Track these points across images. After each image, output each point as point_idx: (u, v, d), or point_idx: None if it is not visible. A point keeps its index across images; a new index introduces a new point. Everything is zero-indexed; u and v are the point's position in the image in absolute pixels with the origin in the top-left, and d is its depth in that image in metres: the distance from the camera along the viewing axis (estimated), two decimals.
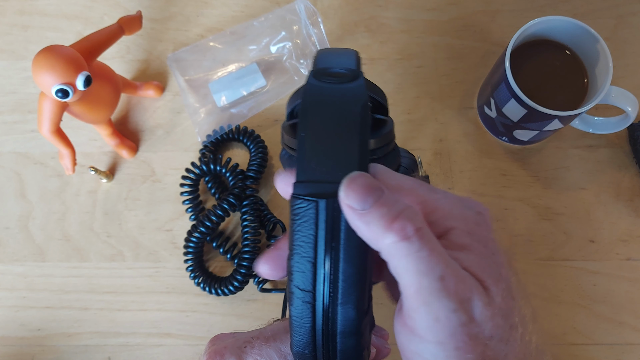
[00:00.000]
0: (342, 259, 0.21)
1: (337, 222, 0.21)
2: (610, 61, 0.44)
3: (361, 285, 0.21)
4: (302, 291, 0.21)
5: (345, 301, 0.21)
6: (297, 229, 0.22)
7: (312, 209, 0.21)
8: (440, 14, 0.57)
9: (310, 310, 0.21)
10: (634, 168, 0.52)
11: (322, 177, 0.21)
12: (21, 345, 0.49)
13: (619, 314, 0.48)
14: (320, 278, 0.21)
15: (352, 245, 0.21)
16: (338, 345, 0.21)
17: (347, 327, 0.21)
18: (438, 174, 0.52)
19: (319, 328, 0.21)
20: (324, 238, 0.21)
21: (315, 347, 0.22)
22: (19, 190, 0.53)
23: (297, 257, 0.21)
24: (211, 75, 0.55)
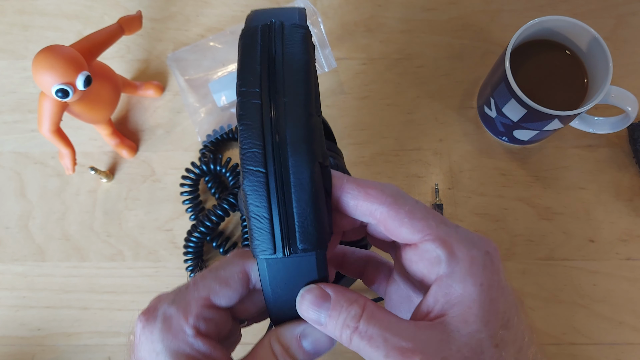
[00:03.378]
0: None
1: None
2: (610, 61, 0.44)
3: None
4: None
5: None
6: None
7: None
8: (440, 14, 0.57)
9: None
10: (634, 168, 0.52)
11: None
12: (21, 344, 0.49)
13: (618, 314, 0.48)
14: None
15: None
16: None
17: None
18: (438, 174, 0.52)
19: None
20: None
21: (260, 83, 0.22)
22: (19, 190, 0.53)
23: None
24: (211, 75, 0.55)
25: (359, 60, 0.56)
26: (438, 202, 0.51)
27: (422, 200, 0.52)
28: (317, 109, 0.23)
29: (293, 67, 0.22)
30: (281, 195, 0.22)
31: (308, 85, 0.22)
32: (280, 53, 0.23)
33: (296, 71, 0.22)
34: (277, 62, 0.23)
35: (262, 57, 0.23)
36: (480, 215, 0.51)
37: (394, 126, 0.54)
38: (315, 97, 0.23)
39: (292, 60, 0.23)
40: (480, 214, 0.51)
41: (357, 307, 0.22)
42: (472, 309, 0.22)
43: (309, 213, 0.22)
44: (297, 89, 0.22)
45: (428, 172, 0.52)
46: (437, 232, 0.23)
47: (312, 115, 0.22)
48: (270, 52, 0.23)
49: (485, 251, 0.23)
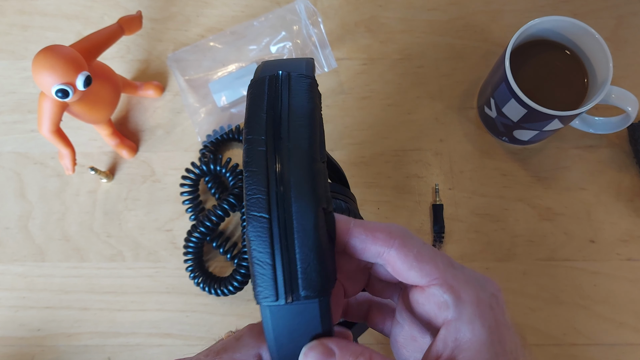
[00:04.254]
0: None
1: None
2: (610, 61, 0.44)
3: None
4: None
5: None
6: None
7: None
8: (441, 14, 0.57)
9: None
10: (634, 168, 0.52)
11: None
12: (21, 345, 0.49)
13: (619, 315, 0.48)
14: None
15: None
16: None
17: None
18: (438, 175, 0.52)
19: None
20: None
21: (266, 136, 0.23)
22: (19, 190, 0.53)
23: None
24: (211, 75, 0.55)
25: (359, 61, 0.56)
26: (438, 202, 0.51)
27: (422, 201, 0.53)
28: (321, 155, 0.23)
29: (298, 115, 0.23)
30: (284, 241, 0.21)
31: (312, 131, 0.23)
32: (286, 102, 0.23)
33: (300, 118, 0.23)
34: (283, 110, 0.23)
35: (268, 106, 0.23)
36: (480, 215, 0.51)
37: (394, 126, 0.54)
38: (320, 143, 0.23)
39: (297, 109, 0.23)
40: (480, 215, 0.51)
41: (365, 355, 0.22)
42: (482, 353, 0.22)
43: (311, 259, 0.21)
44: (301, 135, 0.22)
45: (428, 173, 0.52)
46: (444, 276, 0.23)
47: (316, 160, 0.22)
48: (277, 101, 0.23)
49: (491, 293, 0.24)
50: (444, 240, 0.50)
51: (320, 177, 0.22)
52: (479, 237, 0.50)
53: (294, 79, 0.24)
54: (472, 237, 0.50)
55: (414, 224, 0.51)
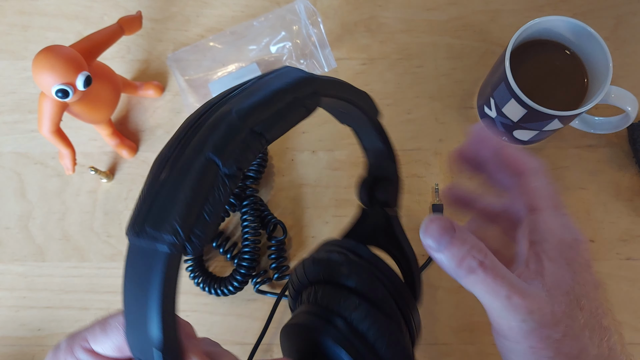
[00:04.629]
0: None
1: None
2: (610, 61, 0.44)
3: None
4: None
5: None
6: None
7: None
8: (440, 14, 0.57)
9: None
10: (634, 168, 0.52)
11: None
12: (21, 345, 0.49)
13: (618, 314, 0.48)
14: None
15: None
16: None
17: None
18: (438, 174, 0.52)
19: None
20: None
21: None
22: (19, 190, 0.53)
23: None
24: (211, 75, 0.55)
25: (358, 61, 0.56)
26: (438, 202, 0.51)
27: (422, 200, 0.52)
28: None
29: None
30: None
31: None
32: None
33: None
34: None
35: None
36: None
37: (394, 126, 0.54)
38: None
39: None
40: None
41: (482, 244, 0.26)
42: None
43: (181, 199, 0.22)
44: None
45: (428, 172, 0.52)
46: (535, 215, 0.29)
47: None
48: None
49: (575, 238, 0.30)
50: None
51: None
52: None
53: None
54: None
55: (414, 223, 0.51)
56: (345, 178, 0.52)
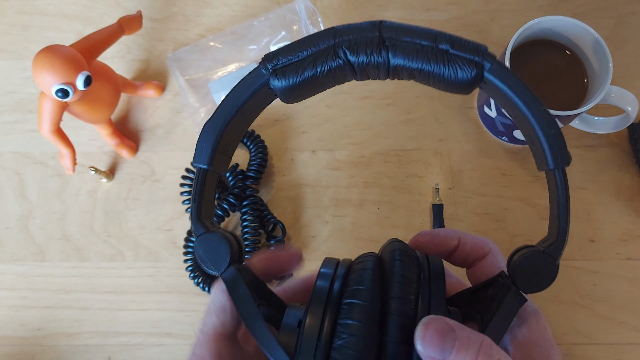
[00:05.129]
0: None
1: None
2: (610, 61, 0.44)
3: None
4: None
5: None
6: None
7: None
8: (440, 14, 0.57)
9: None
10: (634, 168, 0.52)
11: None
12: (21, 345, 0.49)
13: (619, 314, 0.48)
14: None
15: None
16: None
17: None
18: (438, 174, 0.52)
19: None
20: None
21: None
22: (19, 190, 0.53)
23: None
24: (211, 74, 0.55)
25: None
26: (438, 202, 0.51)
27: (422, 200, 0.53)
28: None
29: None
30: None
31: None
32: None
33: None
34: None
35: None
36: (480, 215, 0.51)
37: (394, 126, 0.54)
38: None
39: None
40: (480, 214, 0.51)
41: (484, 337, 0.22)
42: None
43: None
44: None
45: (428, 172, 0.52)
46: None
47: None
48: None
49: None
50: None
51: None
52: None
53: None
54: None
55: (414, 223, 0.51)
56: (345, 178, 0.52)
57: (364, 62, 0.25)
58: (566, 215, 0.25)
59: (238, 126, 0.28)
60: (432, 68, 0.25)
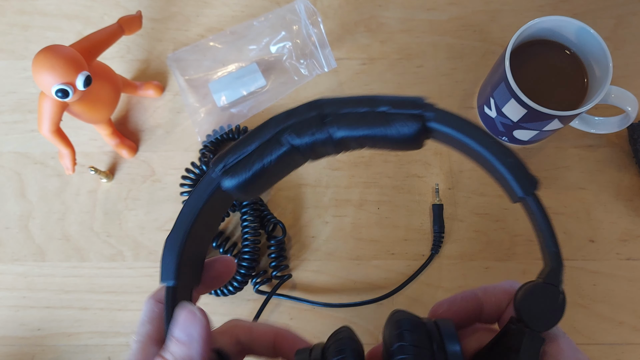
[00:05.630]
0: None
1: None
2: (610, 61, 0.44)
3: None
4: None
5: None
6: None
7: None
8: (440, 14, 0.57)
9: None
10: (634, 168, 0.52)
11: None
12: (21, 345, 0.49)
13: (618, 314, 0.48)
14: None
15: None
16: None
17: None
18: (438, 174, 0.52)
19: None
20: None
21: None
22: (19, 190, 0.53)
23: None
24: (211, 75, 0.55)
25: (359, 60, 0.56)
26: (438, 202, 0.51)
27: (422, 200, 0.53)
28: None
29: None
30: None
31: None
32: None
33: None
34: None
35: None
36: (480, 215, 0.51)
37: None
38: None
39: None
40: (480, 214, 0.51)
41: None
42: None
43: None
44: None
45: (428, 172, 0.52)
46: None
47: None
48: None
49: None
50: (444, 240, 0.50)
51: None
52: (478, 236, 0.50)
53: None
54: (472, 237, 0.50)
55: (414, 223, 0.51)
56: (345, 178, 0.52)
57: (309, 143, 0.25)
58: (553, 239, 0.24)
59: (201, 234, 0.27)
60: (376, 132, 0.25)
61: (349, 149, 0.26)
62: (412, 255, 0.50)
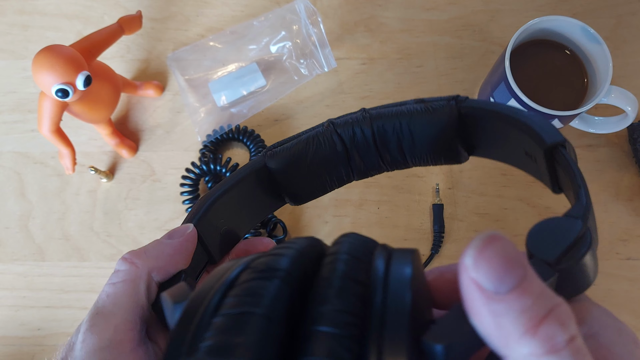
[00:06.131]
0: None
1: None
2: (610, 61, 0.44)
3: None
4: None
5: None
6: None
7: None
8: (440, 14, 0.57)
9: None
10: (634, 168, 0.52)
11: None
12: (21, 344, 0.49)
13: (618, 314, 0.48)
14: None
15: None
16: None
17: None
18: (438, 174, 0.52)
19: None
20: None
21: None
22: (19, 190, 0.53)
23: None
24: (211, 74, 0.55)
25: (358, 60, 0.56)
26: (438, 202, 0.51)
27: (422, 200, 0.53)
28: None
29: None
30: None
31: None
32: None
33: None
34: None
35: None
36: (480, 215, 0.51)
37: None
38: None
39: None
40: (480, 214, 0.51)
41: (566, 305, 0.15)
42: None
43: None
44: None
45: (428, 172, 0.52)
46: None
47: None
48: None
49: (634, 340, 0.20)
50: (444, 239, 0.50)
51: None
52: None
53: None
54: (472, 237, 0.50)
55: (414, 223, 0.51)
56: None
57: (348, 122, 0.27)
58: (582, 181, 0.22)
59: (237, 208, 0.28)
60: (414, 116, 0.26)
61: (389, 144, 0.26)
62: None
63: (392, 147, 0.27)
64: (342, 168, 0.28)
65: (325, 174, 0.28)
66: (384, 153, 0.27)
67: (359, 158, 0.27)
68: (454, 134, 0.26)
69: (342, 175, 0.28)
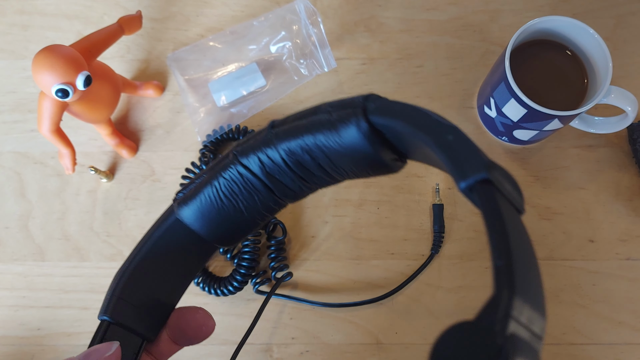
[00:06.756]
0: None
1: None
2: (610, 61, 0.44)
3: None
4: None
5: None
6: None
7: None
8: (440, 14, 0.57)
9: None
10: (634, 168, 0.52)
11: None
12: (21, 344, 0.49)
13: (618, 314, 0.48)
14: None
15: None
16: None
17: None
18: (438, 174, 0.52)
19: None
20: None
21: None
22: (19, 190, 0.53)
23: None
24: (211, 74, 0.55)
25: (358, 60, 0.56)
26: (438, 202, 0.51)
27: (422, 200, 0.53)
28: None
29: None
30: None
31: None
32: None
33: None
34: None
35: None
36: (480, 215, 0.51)
37: None
38: None
39: None
40: (480, 214, 0.51)
41: None
42: None
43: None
44: None
45: (428, 172, 0.52)
46: None
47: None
48: None
49: None
50: (444, 239, 0.50)
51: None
52: (478, 236, 0.51)
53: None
54: (472, 237, 0.51)
55: (414, 223, 0.51)
56: None
57: (254, 156, 0.23)
58: (501, 245, 0.15)
59: (162, 272, 0.24)
60: (319, 137, 0.22)
61: (305, 163, 0.23)
62: (411, 255, 0.50)
63: (310, 165, 0.23)
64: (266, 200, 0.24)
65: (247, 212, 0.24)
66: (304, 173, 0.24)
67: (280, 184, 0.24)
68: (369, 150, 0.22)
69: (270, 206, 0.25)
